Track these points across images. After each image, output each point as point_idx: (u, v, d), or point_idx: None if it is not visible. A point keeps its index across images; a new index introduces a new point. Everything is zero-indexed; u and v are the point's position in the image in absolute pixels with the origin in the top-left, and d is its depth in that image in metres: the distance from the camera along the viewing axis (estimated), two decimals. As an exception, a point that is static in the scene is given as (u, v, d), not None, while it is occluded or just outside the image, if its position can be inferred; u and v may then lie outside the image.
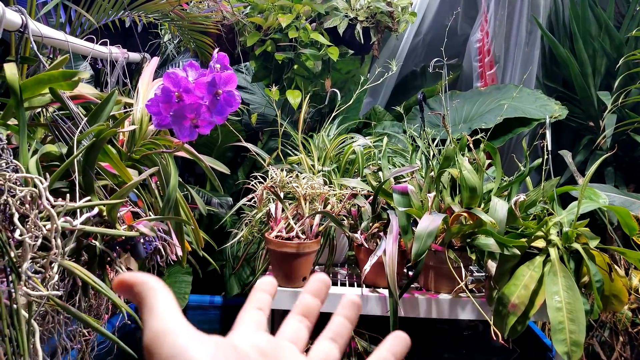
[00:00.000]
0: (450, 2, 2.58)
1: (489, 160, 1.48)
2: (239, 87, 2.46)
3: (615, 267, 1.21)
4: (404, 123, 1.91)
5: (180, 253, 0.90)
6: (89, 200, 0.71)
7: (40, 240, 0.60)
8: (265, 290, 0.39)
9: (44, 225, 0.61)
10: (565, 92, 2.37)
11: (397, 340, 0.37)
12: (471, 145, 1.37)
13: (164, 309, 0.31)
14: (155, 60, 1.22)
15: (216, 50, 0.78)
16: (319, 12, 1.97)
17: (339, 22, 1.95)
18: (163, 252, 0.84)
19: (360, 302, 0.39)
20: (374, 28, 2.04)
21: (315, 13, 1.98)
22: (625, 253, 1.18)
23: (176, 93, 0.75)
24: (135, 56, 1.63)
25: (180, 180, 1.32)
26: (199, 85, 0.75)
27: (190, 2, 2.09)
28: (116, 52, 1.42)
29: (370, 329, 1.56)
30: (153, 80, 1.13)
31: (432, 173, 1.39)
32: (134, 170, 0.97)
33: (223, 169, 1.23)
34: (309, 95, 1.96)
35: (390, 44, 2.50)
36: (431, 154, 1.57)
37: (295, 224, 1.34)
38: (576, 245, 1.17)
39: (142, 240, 0.79)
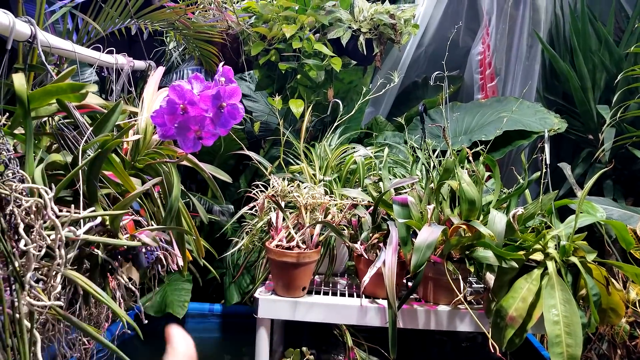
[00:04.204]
0: (452, 15, 2.61)
1: (489, 173, 1.49)
2: (243, 95, 2.48)
3: (613, 280, 1.22)
4: (405, 134, 1.92)
5: (181, 263, 0.91)
6: (93, 210, 0.73)
7: (44, 250, 0.62)
8: None
9: (49, 235, 0.62)
10: (565, 106, 2.38)
11: None
12: (470, 158, 1.39)
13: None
14: (161, 70, 1.23)
15: (221, 63, 0.79)
16: (323, 23, 1.99)
17: (342, 33, 1.97)
18: (164, 262, 0.85)
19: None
20: (376, 39, 2.06)
21: (319, 24, 2.00)
22: (622, 267, 1.18)
23: (181, 105, 0.76)
24: (140, 64, 1.65)
25: (182, 188, 1.33)
26: (204, 98, 0.77)
27: (196, 11, 2.12)
28: (122, 60, 1.44)
29: (368, 340, 1.57)
30: (158, 89, 1.15)
31: (432, 185, 1.40)
32: (137, 179, 0.98)
33: (225, 177, 1.24)
34: (311, 105, 1.98)
35: (393, 55, 2.52)
36: (431, 165, 1.58)
37: (296, 233, 1.35)
38: (573, 259, 1.17)
39: (143, 250, 0.80)
